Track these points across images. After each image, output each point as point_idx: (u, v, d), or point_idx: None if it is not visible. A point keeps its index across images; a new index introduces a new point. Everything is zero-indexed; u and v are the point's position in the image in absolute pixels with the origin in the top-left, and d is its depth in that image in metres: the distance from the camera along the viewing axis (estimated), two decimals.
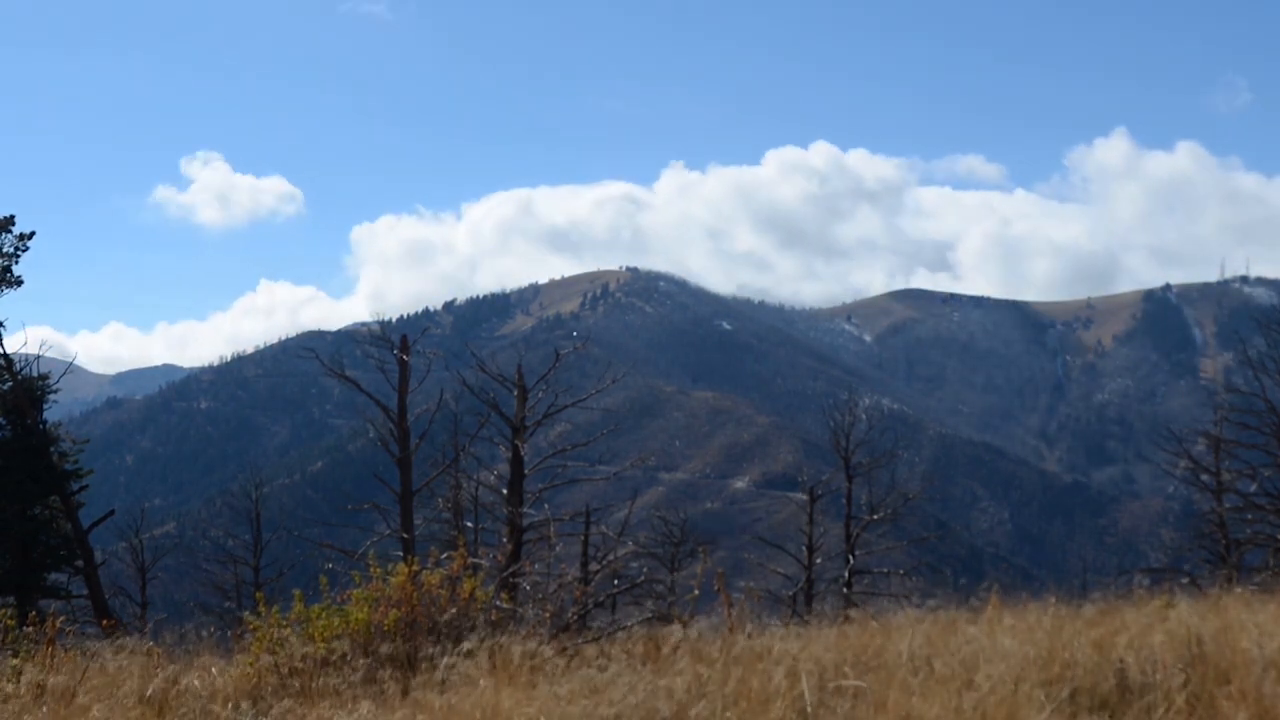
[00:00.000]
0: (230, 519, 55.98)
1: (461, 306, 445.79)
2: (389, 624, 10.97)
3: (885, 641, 9.57)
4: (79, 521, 30.23)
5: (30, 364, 30.08)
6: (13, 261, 30.18)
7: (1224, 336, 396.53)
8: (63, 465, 30.17)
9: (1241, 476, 30.14)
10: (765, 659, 8.74)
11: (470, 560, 12.57)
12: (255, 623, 11.57)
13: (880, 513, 32.24)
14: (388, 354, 25.34)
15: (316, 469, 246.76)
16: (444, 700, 8.45)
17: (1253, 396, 29.03)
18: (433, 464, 26.63)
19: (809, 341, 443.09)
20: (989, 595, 11.55)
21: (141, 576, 38.01)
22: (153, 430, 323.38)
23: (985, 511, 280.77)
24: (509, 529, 21.65)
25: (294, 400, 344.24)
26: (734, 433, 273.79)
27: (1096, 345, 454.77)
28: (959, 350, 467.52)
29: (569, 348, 26.37)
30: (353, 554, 21.64)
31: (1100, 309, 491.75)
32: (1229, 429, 30.42)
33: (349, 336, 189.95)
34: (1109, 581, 19.32)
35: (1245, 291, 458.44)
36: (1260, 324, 30.44)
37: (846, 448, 33.11)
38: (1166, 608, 10.87)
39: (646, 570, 29.90)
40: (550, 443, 30.37)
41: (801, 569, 32.45)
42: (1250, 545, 29.32)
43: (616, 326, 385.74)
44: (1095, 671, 7.98)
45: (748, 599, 13.16)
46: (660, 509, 52.82)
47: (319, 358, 26.45)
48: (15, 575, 28.47)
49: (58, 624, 12.27)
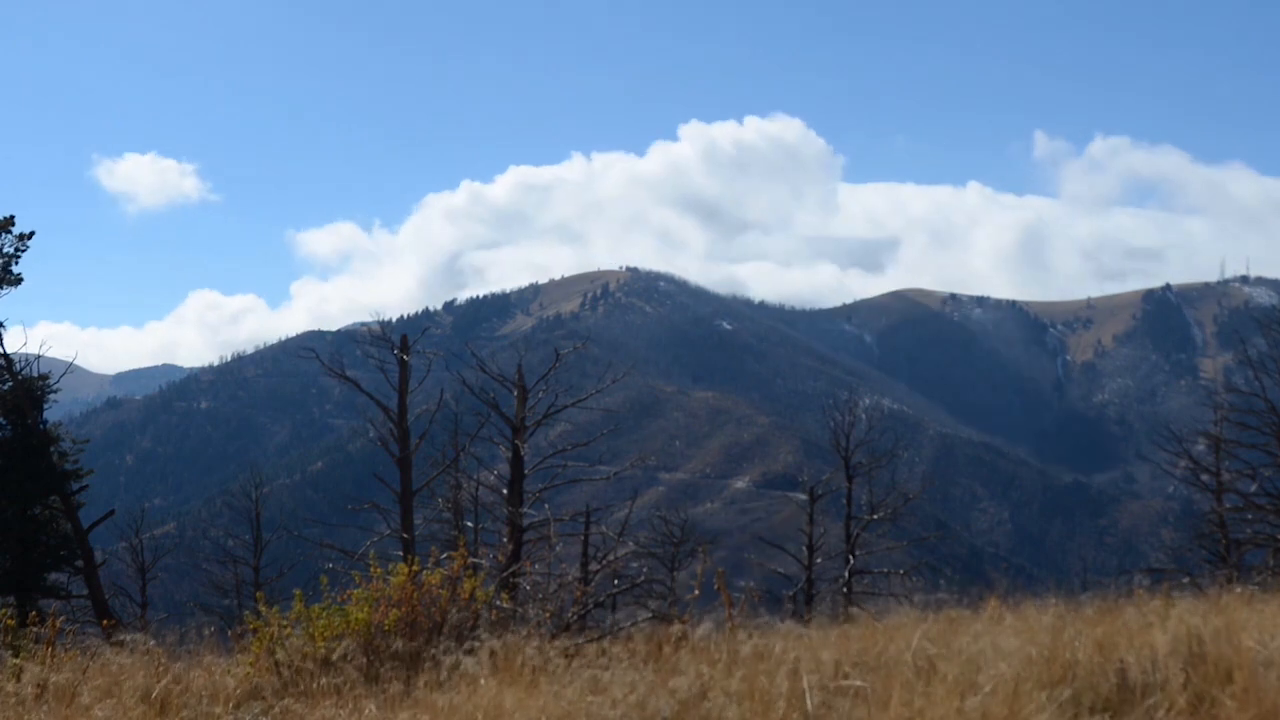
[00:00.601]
0: (230, 519, 56.02)
1: (461, 306, 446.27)
2: (390, 624, 10.97)
3: (887, 641, 9.57)
4: (79, 521, 30.22)
5: (30, 364, 30.08)
6: (12, 261, 30.21)
7: (1224, 336, 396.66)
8: (63, 465, 30.17)
9: (1241, 476, 30.13)
10: (767, 659, 8.74)
11: (470, 560, 12.57)
12: (256, 622, 11.57)
13: (880, 513, 32.24)
14: (388, 354, 25.35)
15: (316, 469, 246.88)
16: (446, 700, 8.45)
17: (1253, 396, 29.02)
18: (433, 464, 26.62)
19: (809, 341, 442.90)
20: (989, 595, 11.55)
21: (141, 576, 38.01)
22: (153, 430, 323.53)
23: (985, 511, 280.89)
24: (509, 529, 21.66)
25: (294, 400, 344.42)
26: (734, 433, 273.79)
27: (1096, 345, 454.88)
28: (959, 350, 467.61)
29: (569, 348, 26.38)
30: (353, 554, 21.65)
31: (1100, 309, 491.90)
32: (1229, 429, 30.41)
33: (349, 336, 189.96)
34: (1109, 581, 19.30)
35: (1245, 291, 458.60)
36: (1260, 324, 30.44)
37: (846, 448, 33.11)
38: (1167, 607, 10.87)
39: (646, 570, 29.90)
40: (550, 443, 30.37)
41: (801, 569, 32.45)
42: (1250, 545, 29.31)
43: (616, 326, 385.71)
44: (1097, 671, 7.98)
45: (748, 599, 13.17)
46: (660, 509, 52.87)
47: (319, 358, 26.46)
48: (15, 575, 28.47)
49: (58, 624, 12.28)
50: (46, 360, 30.41)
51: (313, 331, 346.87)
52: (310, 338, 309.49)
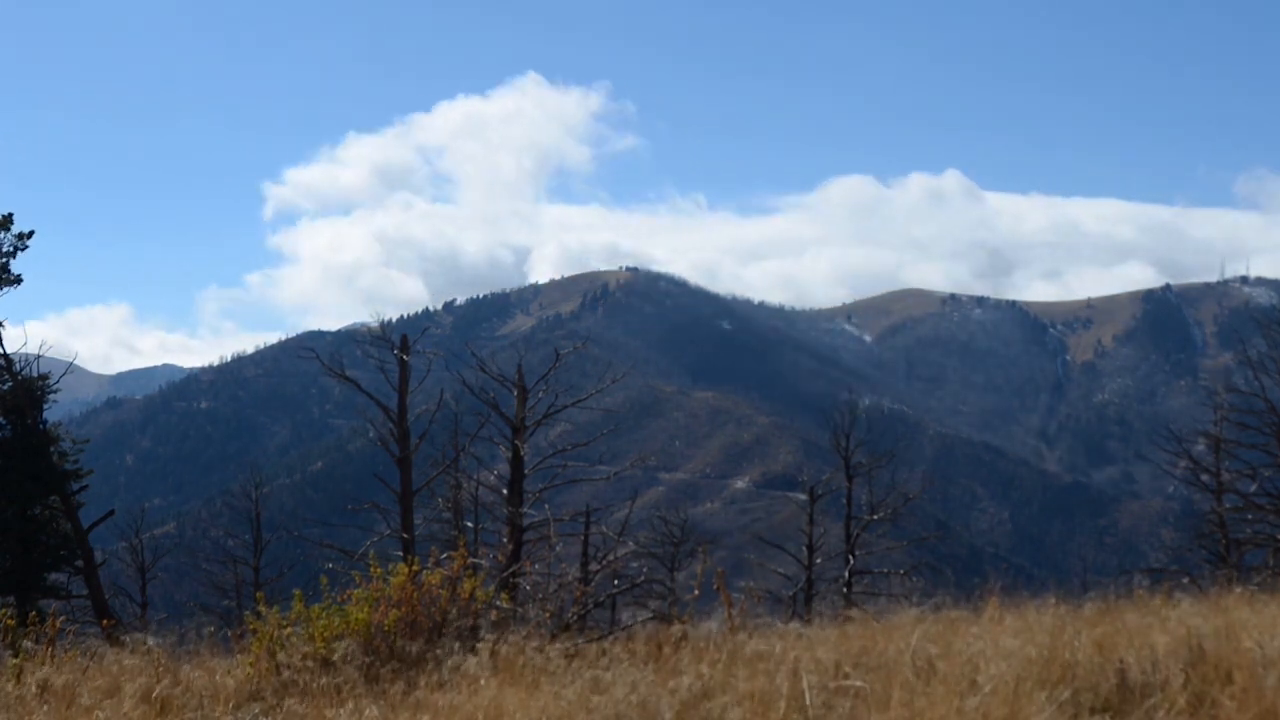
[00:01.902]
0: (230, 519, 56.04)
1: (461, 306, 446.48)
2: (390, 624, 10.97)
3: (886, 641, 9.57)
4: (79, 521, 30.22)
5: (30, 364, 30.07)
6: (11, 259, 30.22)
7: (1224, 336, 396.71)
8: (63, 465, 30.17)
9: (1241, 476, 30.13)
10: (767, 659, 8.75)
11: (470, 560, 12.57)
12: (256, 623, 11.56)
13: (880, 513, 32.25)
14: (388, 354, 25.34)
15: (316, 469, 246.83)
16: (447, 700, 8.46)
17: (1253, 396, 29.02)
18: (433, 464, 26.61)
19: (809, 341, 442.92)
20: (989, 595, 11.55)
21: (141, 576, 38.03)
22: (153, 430, 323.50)
23: (985, 511, 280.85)
24: (509, 529, 21.66)
25: (294, 400, 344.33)
26: (734, 433, 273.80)
27: (1096, 345, 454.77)
28: (959, 350, 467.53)
29: (569, 348, 26.37)
30: (353, 554, 21.63)
31: (1100, 309, 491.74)
32: (1229, 429, 30.42)
33: (349, 336, 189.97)
34: (1109, 581, 19.29)
35: (1245, 291, 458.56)
36: (1260, 324, 30.43)
37: (846, 448, 33.12)
38: (1167, 607, 10.87)
39: (646, 570, 29.91)
40: (550, 443, 30.34)
41: (801, 569, 32.46)
42: (1250, 545, 29.32)
43: (616, 326, 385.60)
44: (1096, 671, 7.98)
45: (748, 599, 13.18)
46: (660, 509, 52.90)
47: (319, 358, 26.45)
48: (15, 575, 28.48)
49: (58, 624, 12.28)
50: (46, 360, 30.41)
51: (313, 331, 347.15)
52: (310, 338, 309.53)
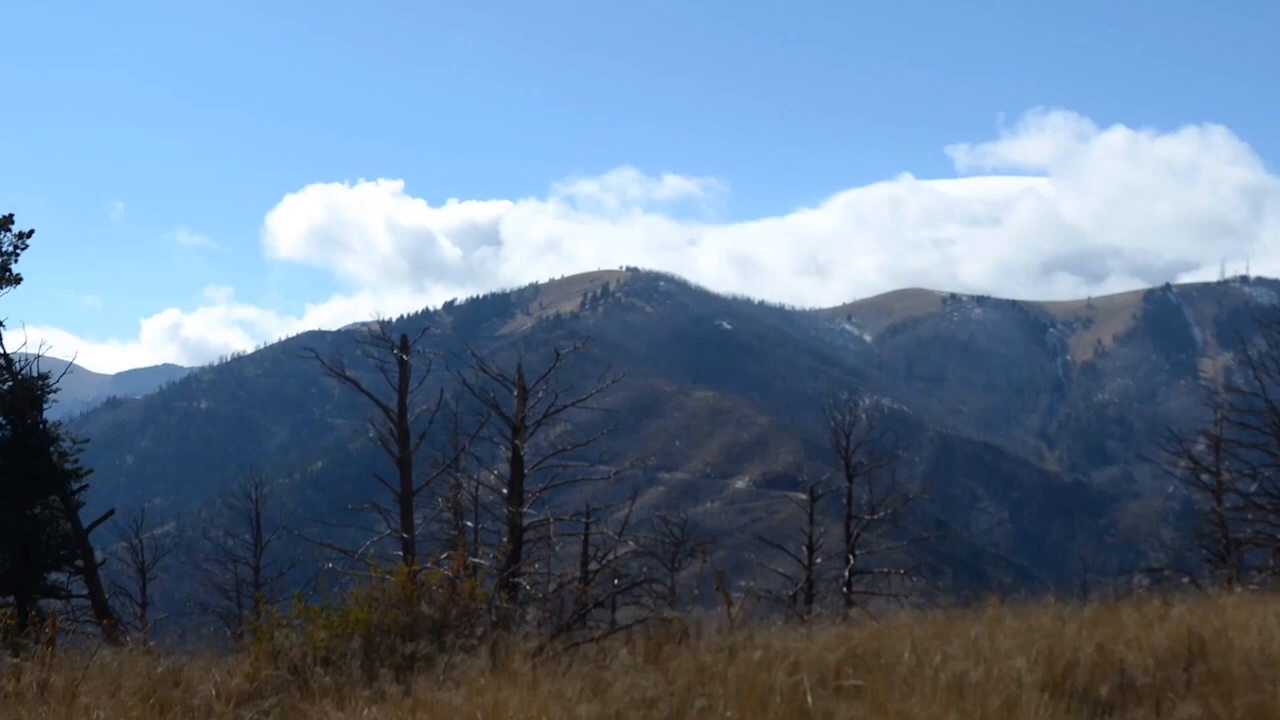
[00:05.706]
0: (230, 519, 55.94)
1: (461, 306, 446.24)
2: (390, 623, 10.97)
3: (886, 641, 9.57)
4: (79, 521, 30.20)
5: (30, 364, 30.06)
6: (11, 260, 30.18)
7: (1224, 336, 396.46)
8: (63, 465, 30.14)
9: (1241, 476, 30.12)
10: (767, 658, 8.74)
11: (470, 560, 12.57)
12: (256, 622, 11.57)
13: (880, 513, 32.23)
14: (388, 354, 25.33)
15: (316, 469, 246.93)
16: (447, 699, 8.45)
17: (1253, 396, 29.01)
18: (433, 464, 26.59)
19: (809, 341, 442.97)
20: (989, 595, 11.55)
21: (141, 576, 38.00)
22: (153, 430, 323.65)
23: (985, 511, 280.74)
24: (509, 529, 21.66)
25: (294, 400, 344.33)
26: (734, 433, 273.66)
27: (1096, 345, 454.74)
28: (959, 350, 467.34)
29: (569, 348, 26.35)
30: (353, 554, 21.65)
31: (1100, 309, 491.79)
32: (1229, 429, 30.40)
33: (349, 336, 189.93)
34: (1109, 581, 19.30)
35: (1245, 291, 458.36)
36: (1260, 324, 30.41)
37: (846, 448, 33.10)
38: (1167, 608, 10.86)
39: (646, 570, 29.94)
40: (550, 443, 30.30)
41: (801, 569, 32.45)
42: (1250, 545, 29.30)
43: (616, 326, 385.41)
44: (1096, 671, 7.98)
45: (748, 599, 13.18)
46: (660, 509, 52.95)
47: (319, 358, 26.45)
48: (15, 575, 28.45)
49: (58, 624, 12.28)
50: (46, 360, 30.39)
51: (313, 331, 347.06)
52: (310, 338, 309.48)
